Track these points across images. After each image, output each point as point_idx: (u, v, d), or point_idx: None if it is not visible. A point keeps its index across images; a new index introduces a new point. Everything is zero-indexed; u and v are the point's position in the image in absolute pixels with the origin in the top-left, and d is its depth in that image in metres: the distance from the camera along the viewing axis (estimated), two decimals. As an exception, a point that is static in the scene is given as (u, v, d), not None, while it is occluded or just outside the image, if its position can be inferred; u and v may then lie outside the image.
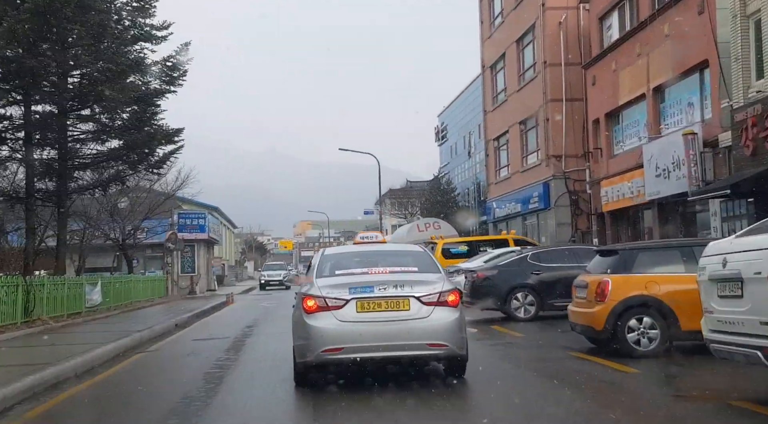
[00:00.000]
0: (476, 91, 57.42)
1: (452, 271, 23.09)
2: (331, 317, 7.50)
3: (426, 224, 29.51)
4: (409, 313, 7.52)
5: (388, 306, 7.52)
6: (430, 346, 7.53)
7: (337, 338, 7.46)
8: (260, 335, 15.65)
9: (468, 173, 62.52)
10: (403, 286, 7.62)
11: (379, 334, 7.45)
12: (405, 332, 7.46)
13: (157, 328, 16.56)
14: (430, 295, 7.60)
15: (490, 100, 35.61)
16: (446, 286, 7.82)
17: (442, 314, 7.58)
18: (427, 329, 7.50)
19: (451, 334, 7.61)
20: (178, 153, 24.73)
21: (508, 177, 33.15)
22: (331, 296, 7.60)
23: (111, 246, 33.10)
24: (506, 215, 33.11)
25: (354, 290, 7.60)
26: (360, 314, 7.50)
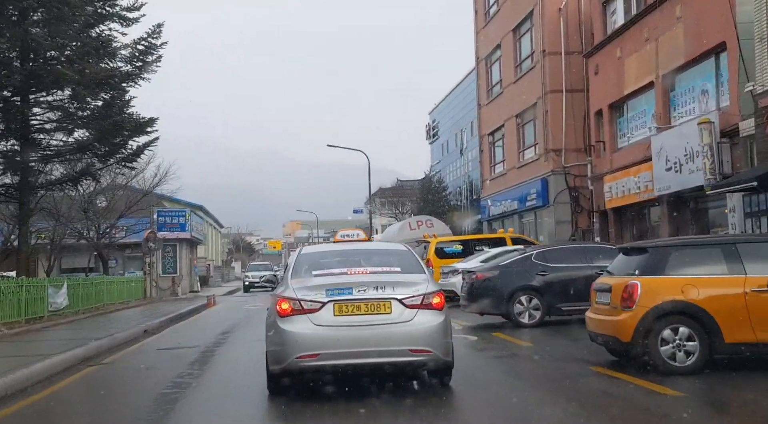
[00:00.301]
0: (469, 87, 56.09)
1: (447, 271, 21.61)
2: (307, 320, 7.01)
3: (418, 221, 27.97)
4: (391, 316, 7.06)
5: (368, 309, 7.06)
6: (412, 352, 7.06)
7: (312, 344, 6.97)
8: (234, 342, 14.05)
9: (460, 172, 61.21)
10: (384, 287, 7.14)
11: (358, 339, 6.99)
12: (386, 337, 7.00)
13: (120, 335, 14.94)
14: (413, 297, 7.13)
15: (485, 94, 34.11)
16: (430, 287, 7.34)
17: (426, 317, 7.12)
18: (410, 334, 7.04)
19: (435, 339, 7.13)
20: (153, 146, 23.15)
21: (504, 173, 31.65)
22: (307, 298, 7.09)
23: (86, 246, 31.34)
24: (502, 213, 31.61)
25: (331, 292, 7.11)
26: (338, 317, 7.04)
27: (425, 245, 24.18)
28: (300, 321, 7.03)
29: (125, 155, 22.69)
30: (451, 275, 21.06)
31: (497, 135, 32.95)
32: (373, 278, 7.34)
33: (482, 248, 23.16)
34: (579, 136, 26.01)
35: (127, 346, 13.98)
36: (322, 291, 7.15)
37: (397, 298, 7.10)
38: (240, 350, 12.67)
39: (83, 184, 26.48)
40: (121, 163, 23.23)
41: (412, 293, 7.16)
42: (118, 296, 27.92)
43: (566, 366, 9.44)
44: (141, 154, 23.05)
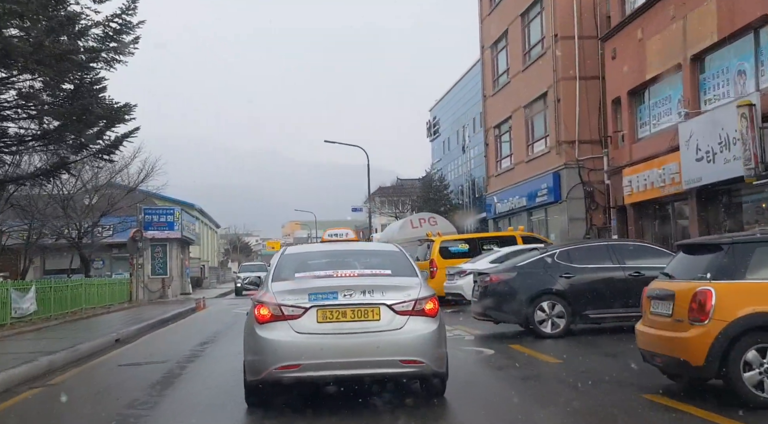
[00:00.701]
0: (471, 82, 54.45)
1: (453, 273, 19.77)
2: (287, 328, 6.48)
3: (420, 219, 26.11)
4: (379, 324, 6.53)
5: (355, 316, 6.53)
6: (403, 363, 6.53)
7: (293, 353, 6.43)
8: (212, 356, 12.18)
9: (462, 169, 59.58)
10: (372, 292, 6.60)
11: (344, 348, 6.46)
12: (374, 347, 6.47)
13: (84, 347, 13.08)
14: (404, 302, 6.59)
15: (490, 84, 32.23)
16: (423, 292, 6.76)
17: (418, 325, 6.58)
18: (400, 343, 6.51)
19: (428, 349, 6.60)
20: (132, 136, 21.24)
21: (511, 168, 29.78)
22: (288, 303, 6.54)
23: (66, 246, 29.46)
24: (509, 211, 29.74)
25: (315, 297, 6.55)
26: (321, 324, 6.50)
27: (428, 244, 22.37)
28: (280, 328, 6.47)
29: (103, 147, 20.81)
30: (458, 277, 19.23)
31: (504, 128, 31.08)
32: (360, 282, 6.78)
33: (491, 247, 21.34)
34: (594, 127, 24.15)
35: (88, 360, 12.12)
36: (304, 295, 6.56)
37: (387, 303, 6.55)
38: (215, 366, 10.82)
39: (61, 180, 24.66)
40: (98, 156, 21.30)
41: (403, 298, 6.59)
42: (99, 300, 26.06)
43: (610, 393, 7.57)
44: (120, 145, 21.16)
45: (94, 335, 15.64)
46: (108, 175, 29.22)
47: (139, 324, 18.77)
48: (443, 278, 20.37)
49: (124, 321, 20.24)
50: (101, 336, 15.22)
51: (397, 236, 25.72)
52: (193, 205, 62.19)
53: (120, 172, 29.46)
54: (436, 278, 21.19)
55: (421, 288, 6.80)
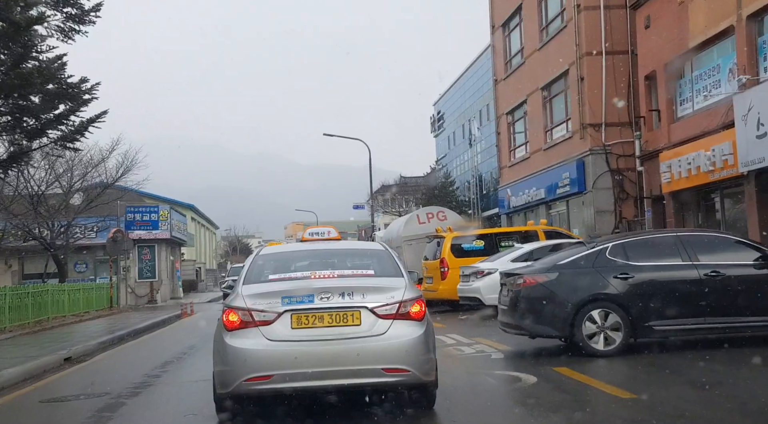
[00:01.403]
0: (478, 73, 52.00)
1: (468, 273, 17.08)
2: (258, 335, 5.90)
3: (428, 213, 23.42)
4: (360, 329, 5.94)
5: (333, 320, 5.94)
6: (386, 371, 5.90)
7: (264, 363, 5.82)
8: (167, 384, 9.52)
9: (468, 165, 57.16)
10: (352, 294, 6.01)
11: (320, 357, 5.84)
12: (354, 355, 5.85)
13: (13, 371, 10.43)
14: (387, 305, 6.01)
15: (502, 67, 29.51)
16: (409, 293, 6.14)
17: (403, 329, 5.99)
18: (383, 350, 5.90)
19: (413, 355, 5.96)
20: (100, 121, 18.63)
21: (527, 157, 27.07)
22: (258, 307, 5.95)
23: (41, 248, 26.83)
24: (525, 204, 27.03)
25: (288, 300, 5.96)
26: (296, 330, 5.91)
27: (438, 241, 19.69)
28: (250, 336, 5.96)
29: (66, 133, 18.18)
30: (475, 278, 16.55)
31: (518, 113, 28.37)
32: (339, 283, 6.24)
33: (511, 243, 18.66)
34: (622, 108, 21.45)
35: (9, 391, 9.46)
36: (276, 299, 6.04)
37: (368, 306, 6.05)
38: (165, 401, 8.15)
39: (22, 172, 22.03)
40: (60, 143, 18.65)
41: (385, 300, 6.10)
42: (71, 308, 23.43)
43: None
44: (85, 131, 18.54)
45: (42, 352, 13.00)
46: (83, 170, 26.52)
47: (105, 337, 16.14)
48: (457, 280, 17.71)
49: (91, 333, 17.61)
50: (49, 354, 12.60)
51: (403, 232, 23.08)
52: (190, 205, 59.71)
53: (97, 167, 26.77)
54: (448, 280, 18.55)
55: (407, 289, 6.23)
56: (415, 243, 22.29)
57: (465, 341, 11.83)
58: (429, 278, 19.77)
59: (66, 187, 26.20)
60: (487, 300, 16.18)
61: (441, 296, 19.17)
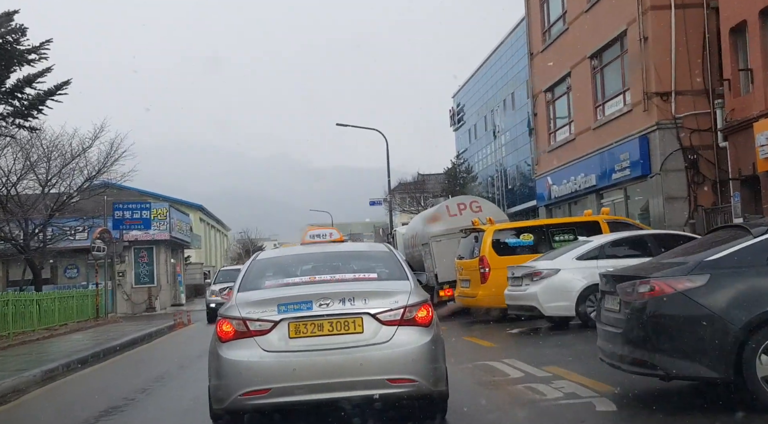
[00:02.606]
0: (500, 61, 48.57)
1: (520, 274, 13.40)
2: (254, 346, 5.53)
3: (459, 204, 19.72)
4: (362, 337, 5.57)
5: (333, 328, 5.58)
6: (392, 382, 5.51)
7: (261, 376, 5.48)
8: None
9: (491, 159, 53.73)
10: (353, 299, 5.65)
11: (321, 368, 5.47)
12: (356, 365, 5.48)
13: None
14: (390, 311, 5.63)
15: (539, 39, 25.79)
16: (414, 298, 5.78)
17: (409, 336, 5.61)
18: (388, 359, 5.52)
19: (421, 364, 5.58)
20: (61, 93, 15.26)
21: (571, 139, 23.34)
22: (253, 316, 5.60)
23: (12, 251, 23.45)
24: (570, 194, 23.29)
25: (285, 308, 5.61)
26: (294, 340, 5.55)
27: (476, 236, 16.06)
28: (245, 347, 5.53)
29: (18, 108, 14.73)
30: (528, 281, 12.92)
31: (559, 90, 24.64)
32: (339, 288, 5.85)
33: (568, 236, 15.02)
34: (696, 73, 17.72)
35: None
36: (273, 307, 5.61)
37: (371, 313, 5.60)
38: None
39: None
40: (12, 120, 15.19)
41: (389, 305, 5.65)
42: (44, 320, 20.03)
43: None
44: (41, 105, 15.17)
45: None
46: (61, 162, 23.09)
47: (61, 360, 12.68)
48: (502, 283, 14.13)
49: (49, 355, 14.16)
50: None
51: (430, 227, 19.46)
52: (198, 205, 56.45)
53: (77, 158, 23.32)
54: (489, 283, 14.96)
55: (412, 294, 5.82)
56: (446, 240, 18.66)
57: (537, 374, 8.23)
58: (465, 280, 16.16)
59: (42, 179, 22.83)
60: (547, 309, 12.56)
61: (481, 303, 15.55)
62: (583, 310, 12.31)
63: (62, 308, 21.75)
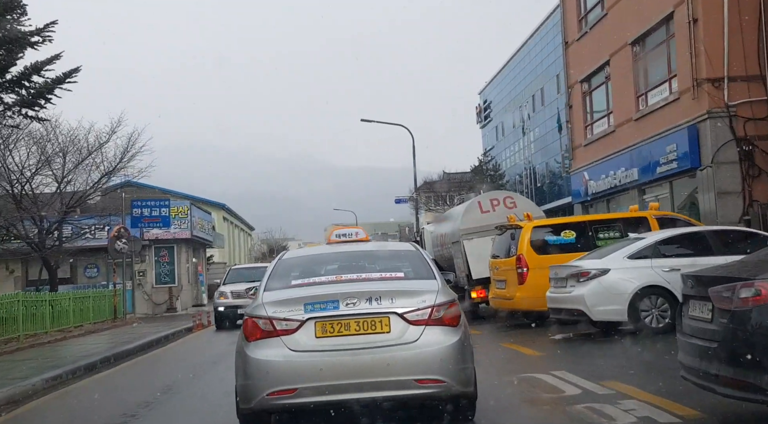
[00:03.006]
0: (528, 56, 47.38)
1: (564, 276, 12.14)
2: (281, 345, 5.49)
3: (492, 200, 18.49)
4: (389, 336, 5.49)
5: (360, 328, 5.51)
6: (419, 383, 5.43)
7: (287, 376, 5.42)
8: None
9: (519, 156, 52.51)
10: (380, 299, 5.57)
11: (347, 368, 5.41)
12: (383, 365, 5.41)
13: None
14: (418, 310, 5.55)
15: (575, 26, 24.49)
16: (441, 297, 5.70)
17: (436, 336, 5.52)
18: (416, 359, 5.44)
19: (449, 364, 5.49)
20: (70, 81, 14.37)
21: (611, 132, 22.00)
22: (280, 315, 5.56)
23: (60, 250, 22.61)
24: (610, 190, 21.96)
25: (312, 307, 5.54)
26: (320, 339, 5.50)
27: (512, 233, 14.90)
28: (272, 346, 5.49)
29: (24, 97, 13.85)
30: (574, 282, 11.72)
31: (596, 79, 23.32)
32: (366, 287, 5.76)
33: (618, 233, 13.81)
34: (750, 58, 16.36)
35: None
36: (299, 306, 5.57)
37: (398, 312, 5.53)
38: None
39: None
40: (19, 110, 14.31)
41: (417, 305, 5.57)
42: (58, 321, 19.23)
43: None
44: (50, 93, 14.29)
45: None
46: (77, 157, 22.28)
47: (67, 367, 11.76)
48: (542, 284, 12.97)
49: (55, 360, 13.25)
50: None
51: (461, 224, 18.27)
52: (222, 204, 55.76)
53: (93, 153, 22.48)
54: (528, 284, 13.82)
55: (439, 293, 5.74)
56: (478, 237, 17.49)
57: (597, 391, 7.07)
58: (500, 281, 14.99)
59: (58, 176, 22.04)
60: (595, 314, 11.35)
61: (519, 305, 14.36)
62: (636, 314, 11.09)
63: (77, 309, 20.95)
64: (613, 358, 9.43)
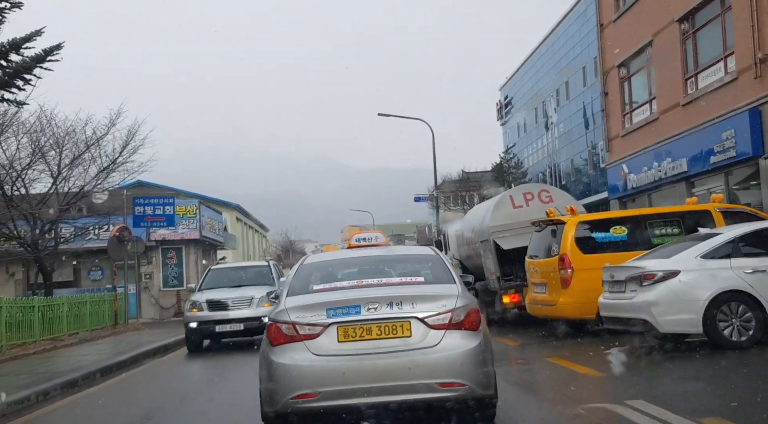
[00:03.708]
0: (552, 48, 45.52)
1: (621, 278, 10.16)
2: (304, 350, 5.58)
3: (526, 193, 16.57)
4: (411, 341, 5.57)
5: (381, 332, 5.59)
6: (441, 386, 5.51)
7: (310, 380, 5.52)
8: None
9: (542, 153, 50.52)
10: (401, 304, 5.66)
11: (370, 372, 5.50)
12: (405, 368, 5.50)
13: None
14: (438, 315, 5.62)
15: (611, 6, 22.53)
16: (461, 301, 5.75)
17: (457, 340, 5.60)
18: (437, 363, 5.53)
19: (470, 368, 5.57)
20: (53, 59, 12.76)
21: (654, 119, 20.03)
22: (303, 320, 5.63)
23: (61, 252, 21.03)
24: (653, 183, 20.00)
25: (334, 312, 5.63)
26: (343, 344, 5.58)
27: (553, 230, 13.02)
28: (295, 351, 5.59)
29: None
30: (635, 285, 9.87)
31: (636, 63, 21.36)
32: (387, 292, 5.85)
33: (677, 229, 11.91)
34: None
35: None
36: (322, 311, 5.64)
37: (418, 316, 5.60)
38: None
39: None
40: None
41: (437, 309, 5.63)
42: (50, 329, 17.60)
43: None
44: (30, 72, 12.59)
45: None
46: (74, 151, 20.66)
47: (39, 386, 10.06)
48: (589, 287, 11.18)
49: (32, 376, 11.55)
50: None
51: (491, 221, 16.39)
52: (236, 205, 54.23)
53: (91, 147, 20.84)
54: (573, 287, 11.98)
55: (459, 297, 5.80)
56: (510, 235, 15.64)
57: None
58: (539, 285, 13.12)
59: (54, 171, 20.46)
60: (663, 324, 9.47)
61: (563, 312, 12.47)
62: (713, 325, 9.20)
63: (72, 315, 19.31)
64: (697, 381, 7.56)
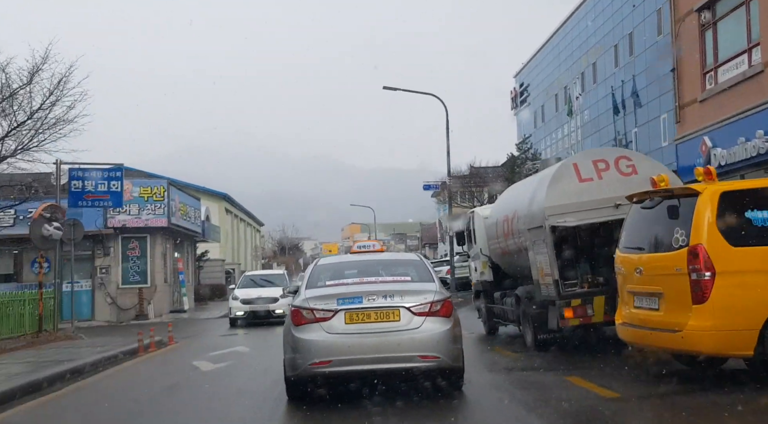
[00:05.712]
0: (578, 26, 40.76)
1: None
2: (320, 329, 7.59)
3: (597, 162, 11.35)
4: (399, 324, 7.64)
5: (378, 317, 7.65)
6: (421, 358, 7.60)
7: (325, 351, 7.52)
8: None
9: (564, 143, 45.41)
10: (392, 296, 7.75)
11: (369, 346, 7.55)
12: (395, 344, 7.56)
13: None
14: (420, 305, 7.72)
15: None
16: (438, 295, 7.89)
17: (434, 324, 7.68)
18: (418, 341, 7.60)
19: (443, 345, 7.68)
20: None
21: (755, 73, 14.97)
22: (319, 307, 7.67)
23: None
24: (754, 158, 14.90)
25: (342, 301, 7.69)
26: (349, 325, 7.61)
27: (671, 207, 7.98)
28: (313, 329, 7.57)
29: None
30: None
31: (722, 6, 16.30)
32: (382, 288, 7.94)
33: None
34: None
35: None
36: (333, 300, 7.68)
37: (405, 306, 7.67)
38: None
39: None
40: None
41: (420, 301, 7.72)
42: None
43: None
44: None
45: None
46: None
47: None
48: (744, 304, 6.20)
49: None
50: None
51: (547, 200, 11.26)
52: (223, 194, 49.20)
53: (6, 100, 15.74)
54: (713, 301, 7.31)
55: (437, 292, 7.89)
56: (577, 221, 10.69)
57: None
58: (648, 295, 8.29)
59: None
60: None
61: (694, 344, 7.49)
62: None
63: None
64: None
